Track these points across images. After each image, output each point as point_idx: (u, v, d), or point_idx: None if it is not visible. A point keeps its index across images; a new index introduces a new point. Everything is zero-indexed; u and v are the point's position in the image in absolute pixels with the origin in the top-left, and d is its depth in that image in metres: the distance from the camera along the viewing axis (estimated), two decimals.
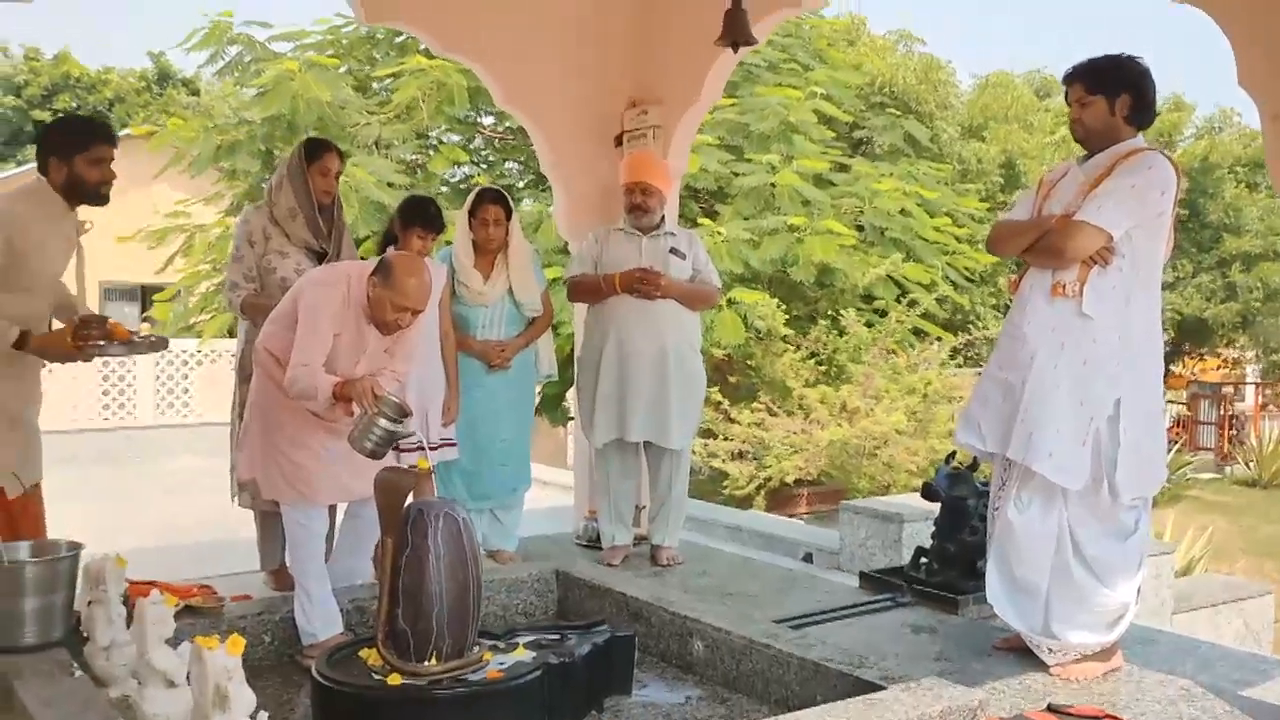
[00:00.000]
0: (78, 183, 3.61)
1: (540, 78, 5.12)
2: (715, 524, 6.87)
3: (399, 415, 3.32)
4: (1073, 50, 58.09)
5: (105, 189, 3.69)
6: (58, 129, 3.72)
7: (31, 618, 3.22)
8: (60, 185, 3.61)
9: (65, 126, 3.75)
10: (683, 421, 4.60)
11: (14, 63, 29.76)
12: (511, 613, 4.27)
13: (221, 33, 10.82)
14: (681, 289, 4.61)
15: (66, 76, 28.96)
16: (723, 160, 10.22)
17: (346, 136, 10.51)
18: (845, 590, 4.44)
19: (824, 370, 10.49)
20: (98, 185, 3.65)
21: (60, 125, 3.77)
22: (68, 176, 3.60)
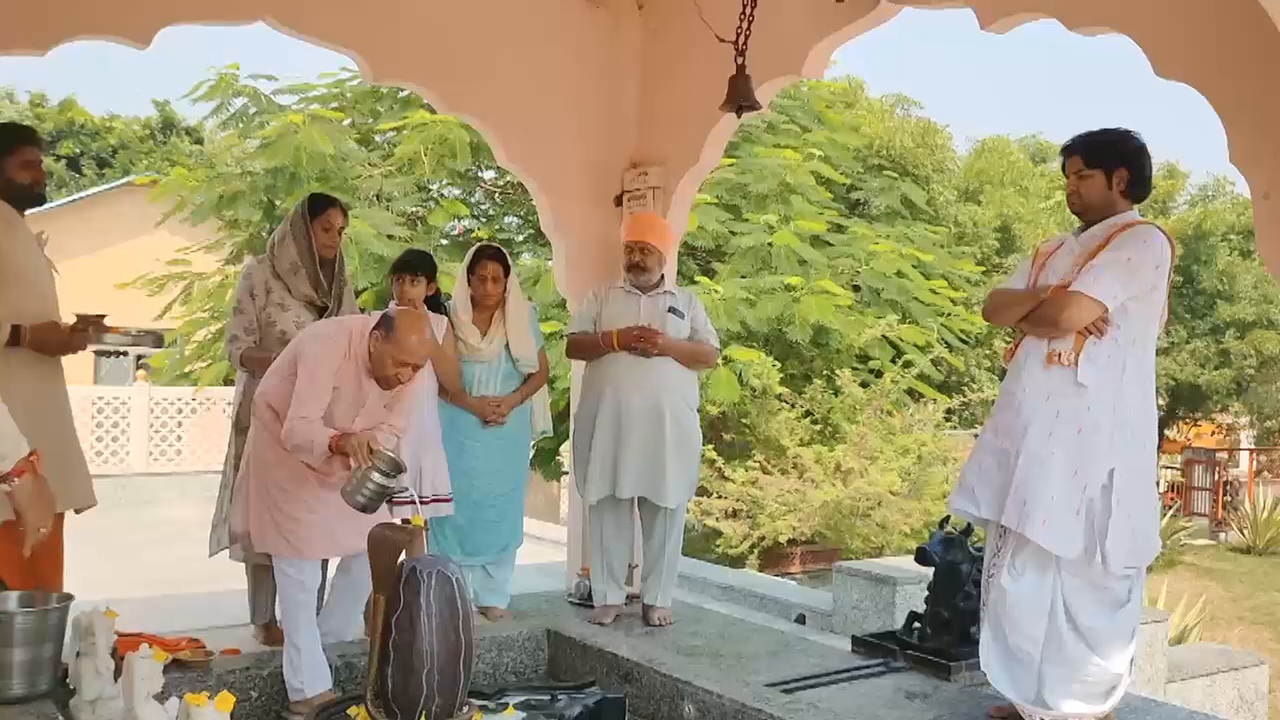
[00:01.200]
0: (12, 186, 3.65)
1: (542, 137, 5.19)
2: (708, 583, 6.83)
3: (393, 471, 3.33)
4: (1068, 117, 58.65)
5: (39, 189, 3.77)
6: None
7: (19, 669, 3.20)
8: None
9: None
10: (678, 480, 4.60)
11: (19, 109, 30.02)
12: (502, 671, 4.25)
13: (227, 85, 10.96)
14: (679, 347, 4.63)
15: (71, 123, 29.21)
16: (721, 219, 10.33)
17: (348, 189, 10.62)
18: (838, 653, 4.41)
19: (819, 429, 10.51)
20: (31, 186, 3.71)
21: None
22: (2, 182, 3.65)
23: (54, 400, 3.76)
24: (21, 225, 3.70)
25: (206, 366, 11.47)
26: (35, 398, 3.65)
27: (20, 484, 1.88)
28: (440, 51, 4.83)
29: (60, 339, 3.67)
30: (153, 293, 11.69)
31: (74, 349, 3.78)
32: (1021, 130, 31.16)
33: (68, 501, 3.73)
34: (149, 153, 28.68)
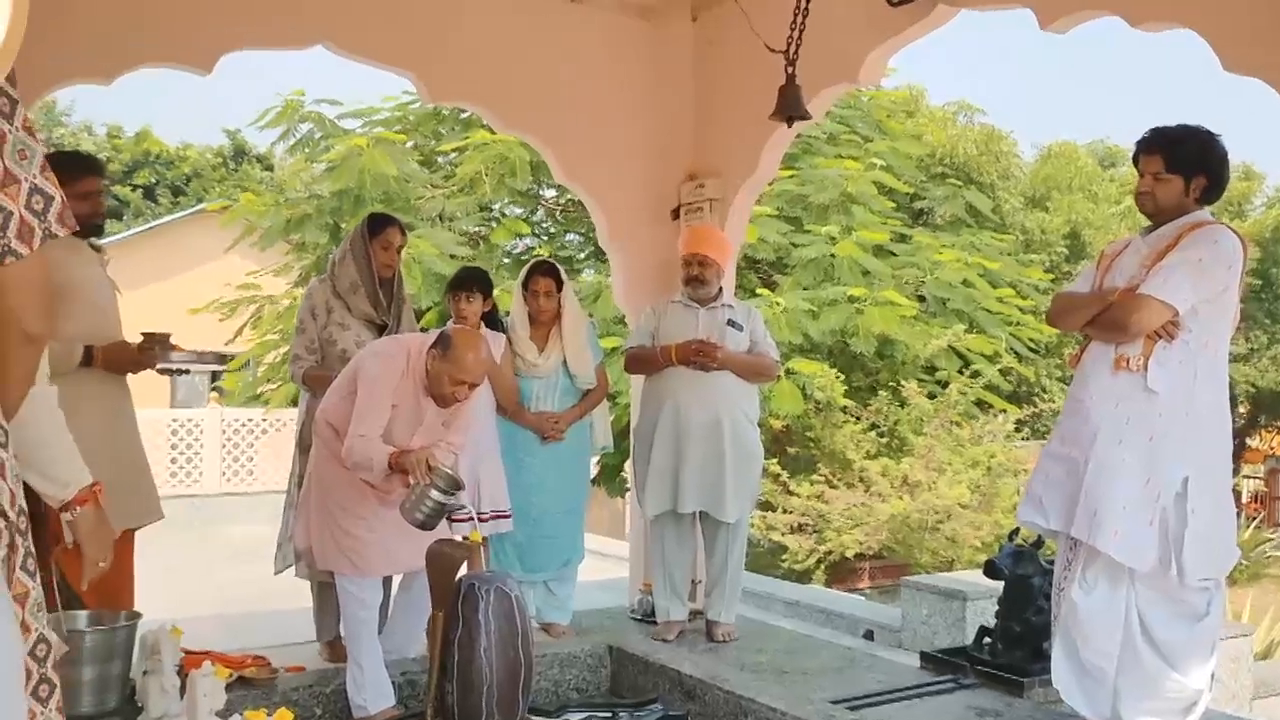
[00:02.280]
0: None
1: (598, 153, 5.19)
2: (773, 599, 6.75)
3: (452, 488, 3.33)
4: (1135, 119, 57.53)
5: (96, 219, 3.82)
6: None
7: (88, 687, 3.26)
8: None
9: (54, 163, 3.86)
10: (738, 494, 4.55)
11: (97, 141, 30.95)
12: (564, 688, 4.22)
13: (293, 111, 11.17)
14: (738, 361, 4.59)
15: (146, 153, 30.04)
16: (782, 231, 10.26)
17: (411, 210, 10.73)
18: (906, 670, 4.32)
19: (885, 442, 10.36)
20: (88, 217, 3.76)
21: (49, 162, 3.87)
22: None
23: (122, 418, 3.83)
24: (84, 249, 3.78)
25: (276, 388, 11.66)
26: (105, 416, 3.74)
27: (81, 514, 1.90)
28: (496, 71, 4.86)
29: (130, 358, 3.76)
30: (224, 317, 11.92)
31: (143, 367, 3.86)
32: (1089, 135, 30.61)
33: (135, 518, 3.80)
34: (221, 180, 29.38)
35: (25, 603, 1.60)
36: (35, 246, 1.48)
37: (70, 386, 3.63)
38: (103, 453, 3.66)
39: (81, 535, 1.92)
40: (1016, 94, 67.28)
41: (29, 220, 1.46)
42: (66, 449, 1.85)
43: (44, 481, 1.83)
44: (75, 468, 1.88)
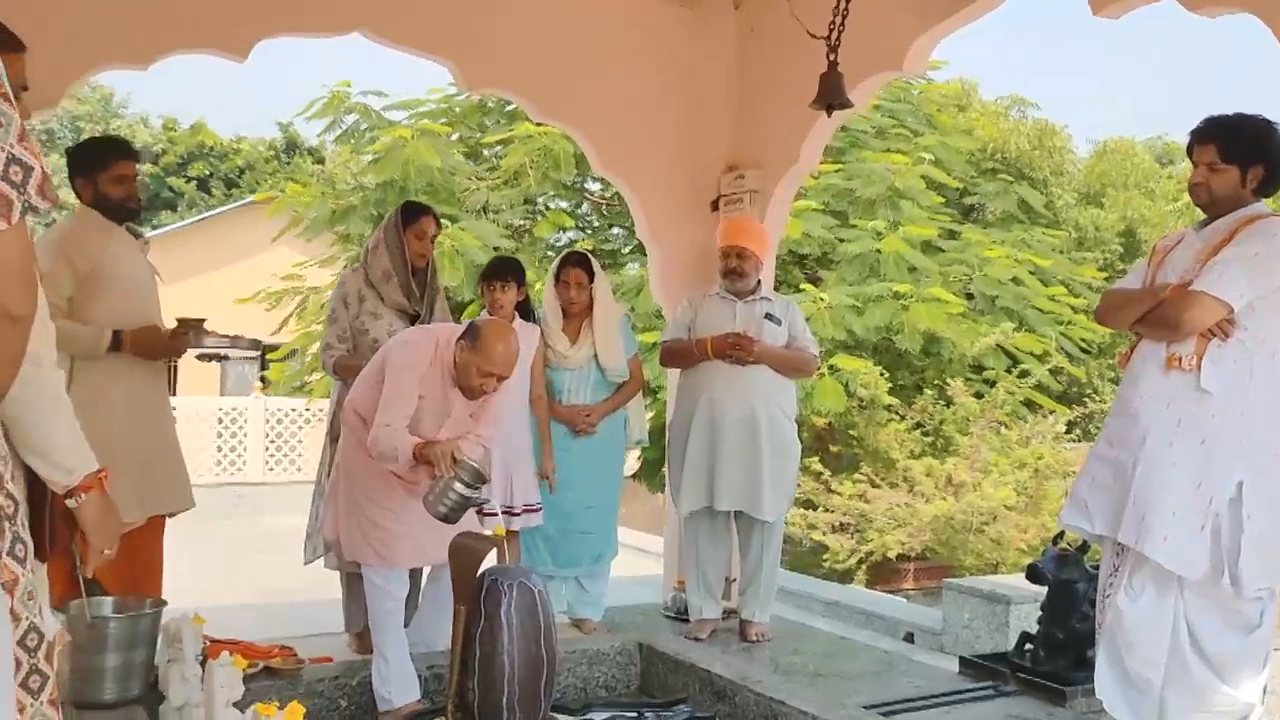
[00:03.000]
0: (103, 200, 3.72)
1: (636, 142, 5.12)
2: (813, 599, 6.65)
3: (476, 481, 3.27)
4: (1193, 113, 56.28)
5: (131, 203, 3.81)
6: (80, 151, 3.84)
7: (112, 674, 3.24)
8: (91, 203, 3.73)
9: (86, 148, 3.87)
10: (775, 492, 4.45)
11: (153, 133, 31.42)
12: (593, 685, 4.16)
13: (339, 102, 11.20)
14: (776, 355, 4.49)
15: (201, 145, 30.42)
16: (827, 226, 10.12)
17: (455, 202, 10.74)
18: (945, 675, 4.20)
19: (930, 441, 10.19)
20: (122, 200, 3.76)
21: (82, 147, 3.88)
22: (94, 195, 3.72)
23: (154, 404, 3.82)
24: (119, 234, 3.77)
25: (320, 378, 11.72)
26: (134, 402, 3.73)
27: (87, 500, 1.84)
28: (533, 59, 4.80)
29: (160, 343, 3.74)
30: (270, 307, 12.01)
31: (174, 353, 3.84)
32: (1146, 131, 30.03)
33: (164, 505, 3.79)
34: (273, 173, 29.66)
35: (14, 590, 1.55)
36: (14, 219, 1.42)
37: (100, 371, 3.65)
38: (130, 438, 3.67)
39: (87, 523, 1.87)
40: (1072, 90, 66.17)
41: (6, 192, 1.40)
42: (70, 434, 1.80)
43: (47, 466, 1.78)
44: (80, 453, 1.83)
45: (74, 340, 3.57)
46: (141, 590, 3.61)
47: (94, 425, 3.58)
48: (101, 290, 3.65)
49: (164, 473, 3.77)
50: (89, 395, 3.59)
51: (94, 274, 3.64)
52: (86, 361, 3.62)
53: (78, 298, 3.62)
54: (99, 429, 3.58)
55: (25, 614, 1.60)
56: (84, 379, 3.61)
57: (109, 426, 3.60)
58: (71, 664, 3.22)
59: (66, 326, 3.55)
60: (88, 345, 3.59)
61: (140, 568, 3.73)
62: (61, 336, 3.55)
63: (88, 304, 3.63)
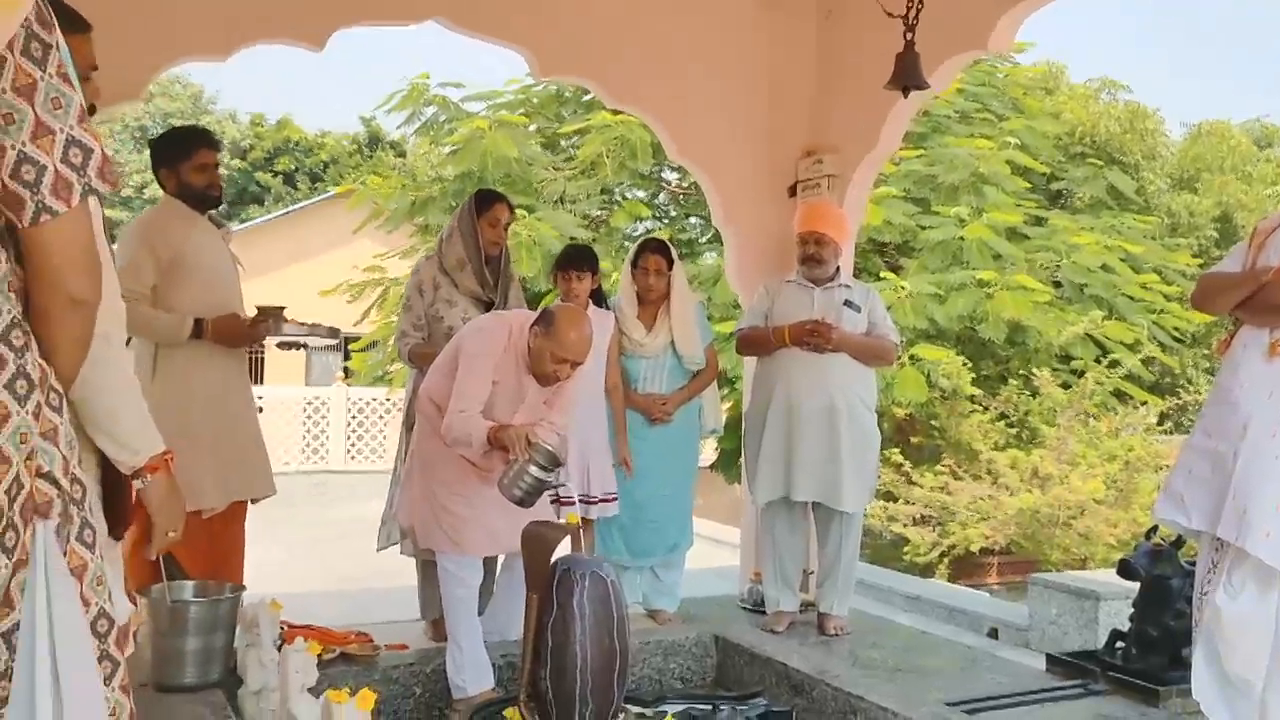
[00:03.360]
0: (187, 189, 3.75)
1: (713, 128, 5.04)
2: (893, 592, 6.53)
3: (551, 464, 3.24)
4: None
5: (214, 191, 3.85)
6: (163, 141, 3.88)
7: (192, 658, 3.27)
8: (174, 193, 3.77)
9: (169, 138, 3.91)
10: (856, 482, 4.36)
11: (241, 128, 32.14)
12: (668, 677, 4.11)
13: (418, 94, 11.29)
14: (855, 343, 4.39)
15: (287, 140, 31.01)
16: (908, 213, 9.91)
17: (532, 192, 10.75)
18: (1030, 673, 4.07)
19: (1015, 433, 9.94)
20: (205, 189, 3.79)
21: (165, 137, 3.92)
22: (178, 184, 3.76)
23: (234, 392, 3.86)
24: (201, 223, 3.82)
25: (400, 369, 11.85)
26: (218, 389, 3.77)
27: (153, 481, 1.84)
28: (606, 44, 4.75)
29: (240, 330, 3.78)
30: (352, 299, 12.16)
31: (254, 340, 3.89)
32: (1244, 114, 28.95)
33: (245, 491, 3.83)
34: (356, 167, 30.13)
35: (83, 576, 1.55)
36: (74, 203, 1.40)
37: (182, 359, 3.70)
38: (212, 425, 3.72)
39: (152, 504, 1.87)
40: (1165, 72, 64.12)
41: (66, 174, 1.38)
42: (138, 415, 1.80)
43: (114, 446, 1.78)
44: (147, 434, 1.82)
45: (156, 328, 3.63)
46: (222, 575, 3.65)
47: (176, 411, 3.67)
48: (184, 279, 3.70)
49: (245, 459, 3.82)
50: (172, 382, 3.66)
51: (176, 262, 3.69)
52: (169, 349, 3.68)
53: (161, 286, 3.67)
54: (181, 415, 3.66)
55: (95, 599, 1.59)
56: (167, 366, 3.67)
57: (191, 413, 3.66)
58: (153, 647, 3.28)
59: (149, 314, 3.61)
60: (170, 333, 3.64)
61: (221, 553, 3.78)
62: (144, 324, 3.63)
63: (170, 292, 3.68)
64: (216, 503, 3.68)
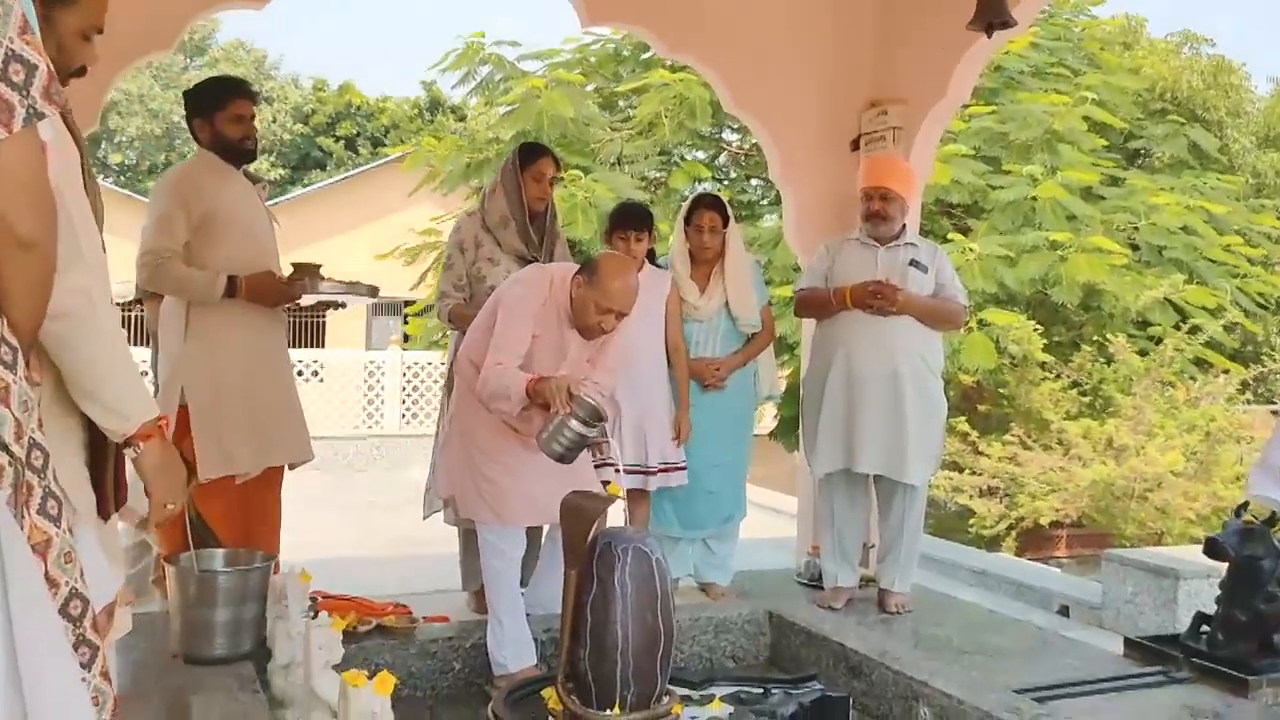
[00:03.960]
0: (222, 140, 3.60)
1: (771, 77, 4.79)
2: (958, 567, 6.27)
3: (593, 419, 3.05)
4: None
5: (249, 143, 3.69)
6: (197, 91, 3.71)
7: (221, 629, 3.16)
8: (209, 145, 3.61)
9: (205, 87, 3.74)
10: (921, 453, 4.12)
11: (303, 93, 32.28)
12: (719, 655, 3.92)
13: (473, 53, 11.08)
14: (921, 304, 4.14)
15: (349, 105, 31.04)
16: (978, 172, 9.50)
17: (589, 153, 10.51)
18: (1105, 657, 3.82)
19: (1088, 402, 9.53)
20: (241, 140, 3.65)
21: (199, 87, 3.75)
22: (212, 136, 3.60)
23: (271, 353, 3.72)
24: (235, 177, 3.67)
25: None
26: (249, 350, 3.63)
27: (146, 449, 1.68)
28: None
29: (275, 288, 3.64)
30: (409, 262, 12.05)
31: (290, 299, 3.73)
32: None
33: (281, 456, 3.70)
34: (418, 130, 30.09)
35: (48, 553, 1.39)
36: (15, 126, 1.23)
37: (215, 318, 3.56)
38: (245, 387, 3.58)
39: (146, 473, 1.71)
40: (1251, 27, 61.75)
41: (6, 95, 1.21)
42: (127, 377, 1.64)
43: (102, 412, 1.63)
44: (138, 398, 1.66)
45: (189, 285, 3.49)
46: (257, 543, 3.53)
47: (208, 372, 3.53)
48: (218, 235, 3.56)
49: (280, 423, 3.68)
50: (204, 342, 3.53)
51: (209, 217, 3.54)
52: (202, 308, 3.54)
53: (194, 242, 3.53)
54: (213, 376, 3.53)
55: (64, 579, 1.43)
56: (199, 325, 3.54)
57: (223, 374, 3.53)
58: (182, 618, 3.17)
59: (181, 271, 3.48)
60: (203, 290, 3.50)
61: (255, 520, 3.66)
62: (176, 281, 3.49)
63: (204, 248, 3.54)
64: (249, 467, 3.55)
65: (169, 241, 3.45)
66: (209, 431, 3.46)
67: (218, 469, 3.47)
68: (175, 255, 3.47)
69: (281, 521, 3.82)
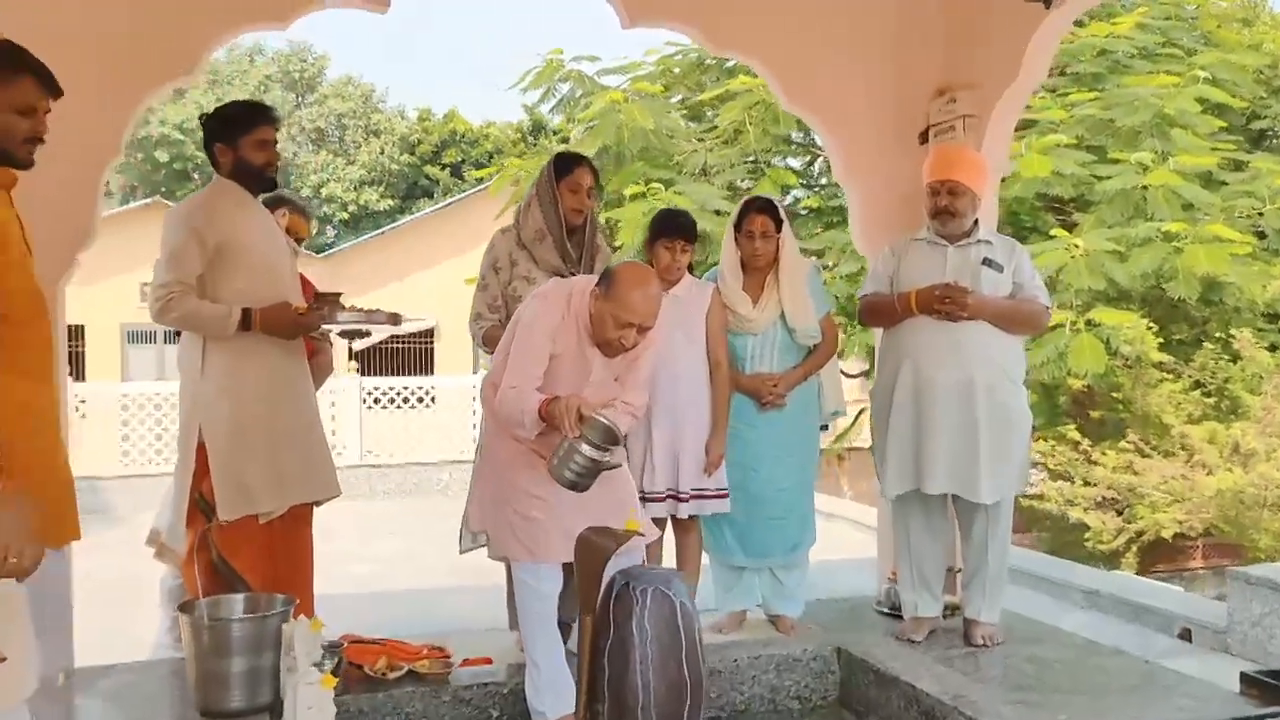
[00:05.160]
0: (244, 167, 3.43)
1: (828, 71, 4.47)
2: (1069, 586, 5.80)
3: (607, 442, 2.79)
4: None
5: (271, 171, 3.52)
6: (219, 115, 3.53)
7: (238, 680, 2.99)
8: (230, 172, 3.45)
9: (227, 112, 3.56)
10: (997, 471, 3.74)
11: (409, 123, 32.89)
12: (782, 696, 3.62)
13: (552, 71, 10.97)
14: (996, 307, 3.76)
15: (453, 133, 31.50)
16: (1082, 162, 8.93)
17: (673, 166, 10.29)
18: (1219, 694, 3.38)
19: (1212, 403, 8.86)
20: (263, 167, 3.48)
21: (222, 111, 3.57)
22: (234, 161, 3.44)
23: (291, 386, 3.55)
24: (254, 207, 3.52)
25: None
26: (271, 384, 3.48)
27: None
28: None
29: (289, 319, 3.45)
30: None
31: (307, 330, 3.55)
32: None
33: (305, 493, 3.51)
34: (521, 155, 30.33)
35: None
36: None
37: (231, 352, 3.40)
38: (264, 422, 3.40)
39: None
40: None
41: None
42: None
43: None
44: None
45: (202, 320, 3.35)
46: (287, 586, 3.35)
47: (226, 409, 3.36)
48: (232, 266, 3.41)
49: (303, 459, 3.50)
50: (220, 377, 3.39)
51: (224, 249, 3.40)
52: (218, 342, 3.40)
53: (208, 275, 3.39)
54: (230, 413, 3.36)
55: None
56: (215, 360, 3.40)
57: (241, 411, 3.38)
58: (197, 669, 3.02)
59: (194, 306, 3.34)
60: (217, 325, 3.36)
61: (286, 562, 3.49)
62: (189, 316, 3.34)
63: (219, 280, 3.39)
64: (272, 506, 3.39)
65: (180, 274, 3.32)
66: (228, 471, 3.31)
67: (238, 509, 3.32)
68: (188, 289, 3.33)
69: (313, 561, 3.65)
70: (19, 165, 2.55)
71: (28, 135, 2.48)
